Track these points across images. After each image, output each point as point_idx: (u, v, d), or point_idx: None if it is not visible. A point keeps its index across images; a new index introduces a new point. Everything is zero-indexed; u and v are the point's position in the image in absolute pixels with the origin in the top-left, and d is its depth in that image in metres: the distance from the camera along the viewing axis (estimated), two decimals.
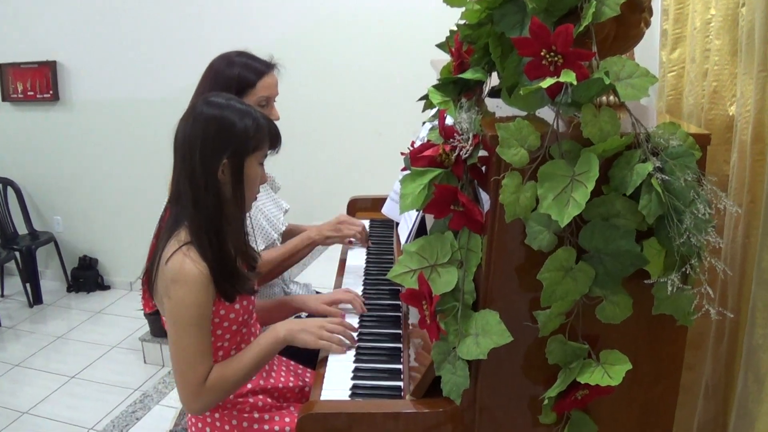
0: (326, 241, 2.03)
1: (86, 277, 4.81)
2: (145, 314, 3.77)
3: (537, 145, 1.14)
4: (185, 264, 1.41)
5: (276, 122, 1.67)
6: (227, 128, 1.45)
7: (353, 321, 1.77)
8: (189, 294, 1.41)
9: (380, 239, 2.37)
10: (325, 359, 1.58)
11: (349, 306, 1.83)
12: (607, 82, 1.08)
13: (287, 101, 2.34)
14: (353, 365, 1.56)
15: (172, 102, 3.57)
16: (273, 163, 1.76)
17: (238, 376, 1.50)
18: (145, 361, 3.74)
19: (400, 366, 1.55)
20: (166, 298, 1.43)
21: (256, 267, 1.61)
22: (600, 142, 1.12)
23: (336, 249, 2.53)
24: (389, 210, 2.29)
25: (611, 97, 1.20)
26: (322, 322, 1.63)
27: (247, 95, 1.86)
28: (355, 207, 2.63)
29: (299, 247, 1.99)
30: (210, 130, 1.44)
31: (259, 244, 1.94)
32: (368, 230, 2.38)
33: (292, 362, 1.83)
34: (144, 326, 4.05)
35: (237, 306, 1.54)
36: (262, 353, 1.53)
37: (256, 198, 1.57)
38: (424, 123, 1.90)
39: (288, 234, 2.24)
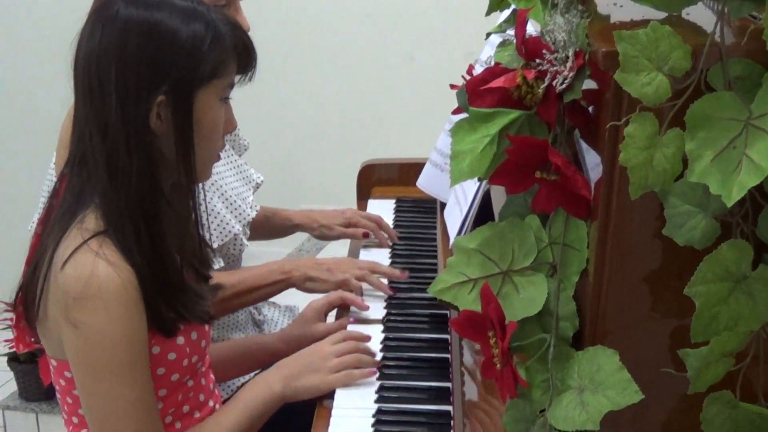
0: (305, 284, 2.05)
1: None
2: (11, 359, 3.36)
3: (686, 67, 1.10)
4: (98, 268, 1.39)
5: None
6: (163, 40, 1.43)
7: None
8: (110, 318, 1.39)
9: (413, 231, 2.37)
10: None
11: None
12: None
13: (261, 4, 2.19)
14: (375, 405, 1.66)
15: None
16: (237, 107, 1.70)
17: None
18: None
19: (450, 408, 1.66)
20: (68, 327, 1.41)
21: (209, 278, 1.61)
22: None
23: (340, 245, 2.41)
24: (429, 182, 2.27)
25: None
26: (327, 348, 1.72)
27: None
28: (371, 178, 2.59)
29: (263, 281, 2.01)
30: (132, 44, 1.42)
31: (211, 240, 1.93)
32: (393, 219, 2.41)
33: None
34: (6, 382, 3.72)
35: (181, 341, 1.52)
36: (250, 420, 1.58)
37: (219, 157, 1.57)
38: (488, 35, 1.88)
39: (263, 226, 2.27)
